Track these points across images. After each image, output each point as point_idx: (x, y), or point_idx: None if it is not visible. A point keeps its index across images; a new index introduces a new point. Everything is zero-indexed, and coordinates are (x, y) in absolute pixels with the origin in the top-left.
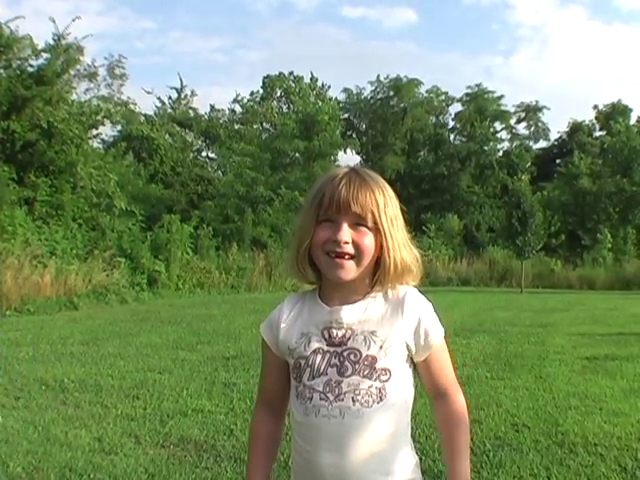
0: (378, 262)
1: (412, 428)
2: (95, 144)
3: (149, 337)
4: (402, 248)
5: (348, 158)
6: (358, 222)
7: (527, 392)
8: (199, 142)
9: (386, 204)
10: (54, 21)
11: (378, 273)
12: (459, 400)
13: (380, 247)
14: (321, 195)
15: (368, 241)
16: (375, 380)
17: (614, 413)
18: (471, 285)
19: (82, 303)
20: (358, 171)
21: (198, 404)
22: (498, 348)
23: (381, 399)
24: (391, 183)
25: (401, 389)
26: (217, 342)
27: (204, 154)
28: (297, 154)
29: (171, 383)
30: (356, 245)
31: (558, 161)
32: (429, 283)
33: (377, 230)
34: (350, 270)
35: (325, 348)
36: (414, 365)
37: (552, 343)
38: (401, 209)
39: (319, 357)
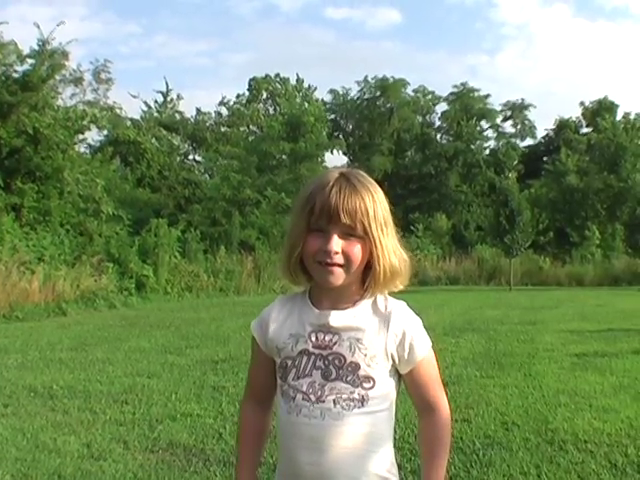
0: (367, 266)
1: (402, 429)
2: (81, 149)
3: (138, 342)
4: (392, 254)
5: (335, 159)
6: (348, 232)
7: (516, 390)
8: (186, 145)
9: (376, 211)
10: (39, 26)
11: (369, 279)
12: (445, 416)
13: (370, 253)
14: (312, 203)
15: (357, 251)
16: (358, 387)
17: (604, 410)
18: (460, 284)
19: (70, 309)
20: (349, 177)
21: (187, 408)
22: (487, 347)
23: (362, 405)
24: (379, 183)
25: (384, 397)
26: (206, 346)
27: (191, 157)
28: (284, 156)
29: (160, 387)
30: (346, 255)
31: (545, 158)
32: (418, 282)
33: (366, 237)
34: (339, 277)
35: (311, 350)
36: (399, 375)
37: (541, 341)
38: (390, 210)
39: (305, 358)
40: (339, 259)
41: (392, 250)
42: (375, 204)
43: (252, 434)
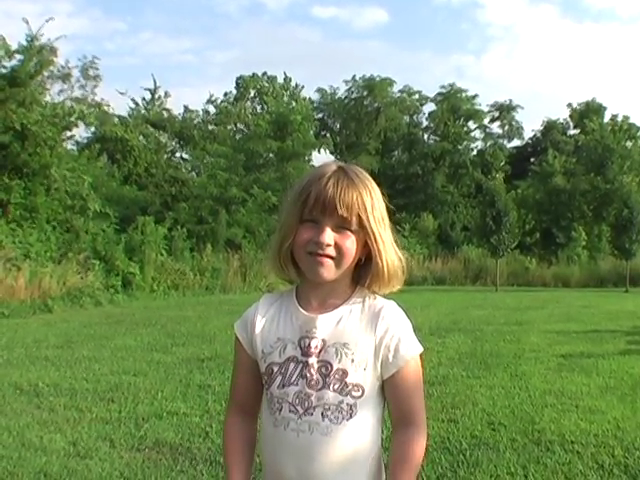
0: (358, 264)
1: (388, 428)
2: (69, 146)
3: (124, 340)
4: (391, 250)
5: (322, 158)
6: (342, 225)
7: (503, 390)
8: (173, 143)
9: (373, 206)
10: (27, 22)
11: (369, 276)
12: (421, 436)
13: (363, 249)
14: (307, 194)
15: (350, 244)
16: (346, 395)
17: (590, 410)
18: (446, 284)
19: (56, 306)
20: (346, 170)
21: (173, 406)
22: (473, 347)
23: (351, 416)
24: None
25: (372, 407)
26: (192, 344)
27: (178, 155)
28: (271, 155)
29: (146, 386)
30: (338, 248)
31: (532, 160)
32: (404, 282)
33: (361, 232)
34: (330, 269)
35: (300, 357)
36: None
37: (527, 341)
38: (387, 208)
39: (292, 366)
40: (331, 251)
41: (391, 246)
42: (373, 199)
43: (241, 446)
